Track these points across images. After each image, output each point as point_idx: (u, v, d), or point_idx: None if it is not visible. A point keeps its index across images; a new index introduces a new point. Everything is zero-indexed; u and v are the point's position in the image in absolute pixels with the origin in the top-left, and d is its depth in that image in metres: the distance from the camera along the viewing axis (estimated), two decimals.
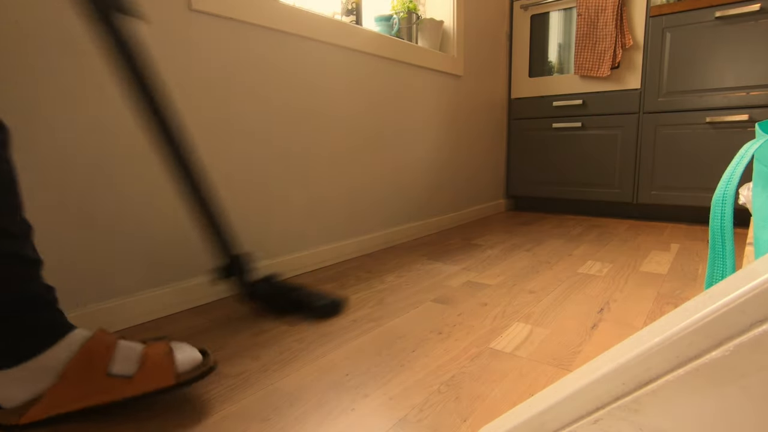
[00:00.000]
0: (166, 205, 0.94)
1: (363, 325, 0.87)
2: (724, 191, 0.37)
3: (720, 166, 1.72)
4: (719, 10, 1.64)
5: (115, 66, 0.72)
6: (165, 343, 0.60)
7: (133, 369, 0.56)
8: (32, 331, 0.54)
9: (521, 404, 0.33)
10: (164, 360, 0.57)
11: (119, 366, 0.56)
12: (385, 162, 1.53)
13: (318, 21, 1.22)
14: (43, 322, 0.55)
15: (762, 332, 0.20)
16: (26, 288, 0.54)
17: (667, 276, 1.14)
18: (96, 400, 0.54)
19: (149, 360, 0.57)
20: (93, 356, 0.55)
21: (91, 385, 0.54)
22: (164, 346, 0.59)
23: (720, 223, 0.37)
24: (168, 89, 0.92)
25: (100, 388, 0.54)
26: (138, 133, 0.88)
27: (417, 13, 1.72)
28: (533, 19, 2.12)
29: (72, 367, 0.54)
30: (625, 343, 0.27)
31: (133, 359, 0.57)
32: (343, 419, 0.57)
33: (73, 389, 0.54)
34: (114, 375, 0.55)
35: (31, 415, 0.53)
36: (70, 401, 0.54)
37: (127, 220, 0.88)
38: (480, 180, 2.12)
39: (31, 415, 0.53)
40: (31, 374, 0.53)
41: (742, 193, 0.93)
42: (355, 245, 1.42)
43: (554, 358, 0.72)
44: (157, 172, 0.92)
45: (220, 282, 0.75)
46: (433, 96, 1.74)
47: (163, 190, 0.93)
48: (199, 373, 0.58)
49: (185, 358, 0.59)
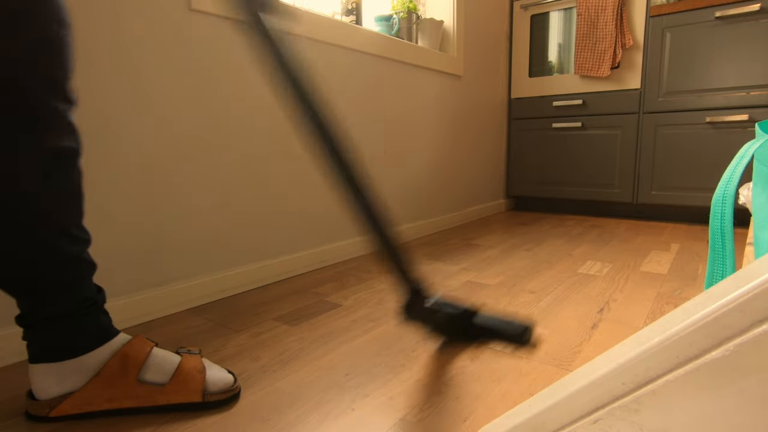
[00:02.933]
0: (166, 206, 0.94)
1: (363, 325, 0.87)
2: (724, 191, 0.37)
3: (720, 166, 1.72)
4: (719, 10, 1.64)
5: (270, 69, 0.66)
6: (199, 359, 0.62)
7: (166, 379, 0.59)
8: (84, 332, 0.57)
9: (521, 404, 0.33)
10: (196, 376, 0.60)
11: (151, 374, 0.58)
12: (385, 162, 1.53)
13: (318, 21, 1.22)
14: (95, 323, 0.58)
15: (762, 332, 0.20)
16: (85, 290, 0.57)
17: (667, 276, 1.14)
18: (125, 403, 0.57)
19: (182, 373, 0.59)
20: (128, 361, 0.57)
21: (123, 387, 0.57)
22: (198, 362, 0.62)
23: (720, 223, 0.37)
24: (165, 89, 0.92)
25: (131, 392, 0.57)
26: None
27: (417, 13, 1.72)
28: (533, 19, 2.12)
29: (109, 367, 0.57)
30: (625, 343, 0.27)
31: (167, 370, 0.59)
32: (343, 419, 0.57)
33: (105, 390, 0.56)
34: (145, 382, 0.58)
35: (62, 409, 0.55)
36: (101, 401, 0.56)
37: (127, 221, 0.88)
38: (480, 180, 2.12)
39: (62, 408, 0.55)
40: (71, 371, 0.56)
41: (742, 193, 0.93)
42: (355, 245, 1.42)
43: (554, 358, 0.72)
44: (159, 173, 0.92)
45: (409, 323, 0.71)
46: (433, 96, 1.74)
47: (164, 190, 0.93)
48: (226, 397, 0.61)
49: (216, 378, 0.61)
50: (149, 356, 0.59)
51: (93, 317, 0.58)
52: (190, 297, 0.98)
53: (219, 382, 0.61)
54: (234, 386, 0.62)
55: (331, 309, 0.96)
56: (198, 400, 0.59)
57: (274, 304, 0.99)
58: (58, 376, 0.56)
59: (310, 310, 0.96)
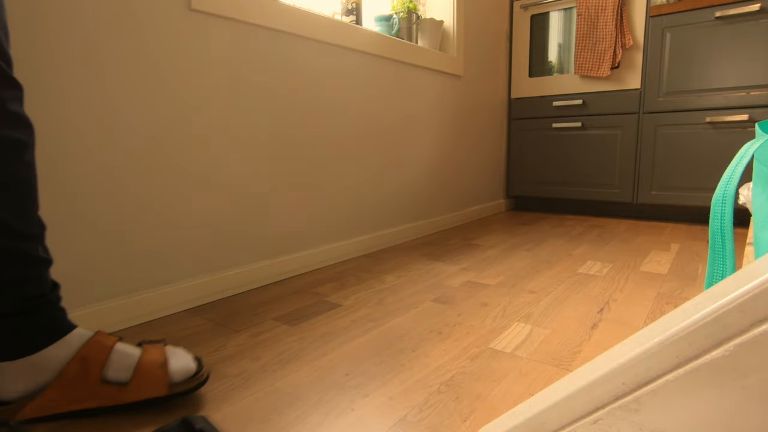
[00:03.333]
0: (166, 207, 0.94)
1: (363, 325, 0.87)
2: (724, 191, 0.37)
3: (720, 166, 1.72)
4: (719, 10, 1.64)
5: None
6: (161, 350, 0.61)
7: (128, 376, 0.57)
8: (36, 328, 0.55)
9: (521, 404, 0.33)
10: (159, 370, 0.58)
11: (114, 372, 0.57)
12: (385, 162, 1.53)
13: (318, 21, 1.22)
14: (47, 320, 0.56)
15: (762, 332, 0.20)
16: (34, 286, 0.55)
17: (667, 276, 1.14)
18: (89, 404, 0.56)
19: (144, 369, 0.58)
20: (89, 360, 0.56)
21: (85, 389, 0.55)
22: (160, 354, 0.60)
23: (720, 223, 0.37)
24: (165, 89, 0.92)
25: (94, 393, 0.56)
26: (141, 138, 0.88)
27: (417, 13, 1.72)
28: (533, 19, 2.12)
29: (68, 369, 0.55)
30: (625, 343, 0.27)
31: (128, 366, 0.58)
32: (343, 419, 0.57)
33: (68, 391, 0.55)
34: (108, 381, 0.56)
35: (26, 412, 0.54)
36: (65, 402, 0.55)
37: (126, 222, 0.88)
38: (480, 180, 2.12)
39: (25, 412, 0.54)
40: (30, 369, 0.54)
41: (742, 193, 0.93)
42: (355, 245, 1.42)
43: (554, 358, 0.72)
44: (159, 175, 0.92)
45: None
46: (433, 96, 1.74)
47: (164, 191, 0.93)
48: (193, 385, 0.59)
49: (180, 367, 0.60)
50: (111, 353, 0.57)
51: (43, 314, 0.55)
52: (190, 297, 0.98)
53: (184, 370, 0.59)
54: (199, 373, 0.60)
55: (331, 309, 0.96)
56: (163, 394, 0.57)
57: (274, 304, 1.00)
58: (18, 374, 0.54)
59: (310, 310, 0.96)
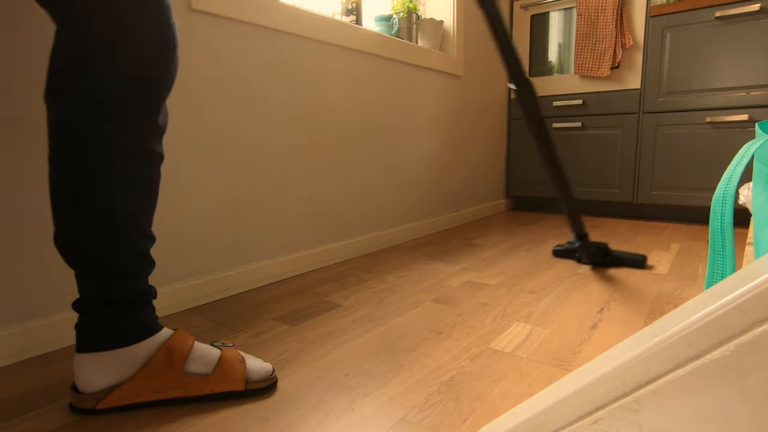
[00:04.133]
0: (165, 207, 0.94)
1: (363, 325, 0.87)
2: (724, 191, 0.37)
3: (720, 166, 1.72)
4: (719, 10, 1.64)
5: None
6: (236, 351, 0.65)
7: (209, 369, 0.61)
8: (134, 323, 0.59)
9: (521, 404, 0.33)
10: (238, 366, 0.63)
11: (196, 365, 0.61)
12: (385, 162, 1.53)
13: (318, 21, 1.22)
14: (145, 316, 0.60)
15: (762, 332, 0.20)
16: (143, 283, 0.60)
17: (667, 276, 1.14)
18: (172, 393, 0.60)
19: (225, 364, 0.62)
20: (173, 353, 0.60)
21: (169, 379, 0.59)
22: (237, 354, 0.65)
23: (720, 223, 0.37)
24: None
25: (177, 383, 0.60)
26: None
27: (417, 13, 1.72)
28: (533, 19, 2.12)
29: (154, 359, 0.59)
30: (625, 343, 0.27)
31: (210, 360, 0.62)
32: (343, 419, 0.57)
33: (153, 381, 0.59)
34: (190, 373, 0.60)
35: (110, 401, 0.57)
36: (150, 391, 0.59)
37: None
38: (480, 180, 2.12)
39: (109, 400, 0.57)
40: (118, 362, 0.58)
41: (742, 193, 0.93)
42: (355, 245, 1.42)
43: (554, 358, 0.72)
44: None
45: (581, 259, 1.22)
46: (433, 96, 1.74)
47: (162, 191, 0.93)
48: (267, 384, 0.64)
49: (256, 368, 0.64)
50: (192, 349, 0.62)
51: (144, 310, 0.60)
52: (190, 297, 0.98)
53: (260, 371, 0.64)
54: (272, 375, 0.65)
55: (331, 309, 0.96)
56: (241, 389, 0.62)
57: (274, 304, 1.00)
58: (105, 366, 0.57)
59: (310, 310, 0.96)
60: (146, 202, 0.59)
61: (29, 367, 0.72)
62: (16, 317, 0.74)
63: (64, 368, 0.72)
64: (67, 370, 0.71)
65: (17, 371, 0.71)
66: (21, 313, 0.75)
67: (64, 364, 0.73)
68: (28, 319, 0.76)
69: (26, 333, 0.75)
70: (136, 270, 0.59)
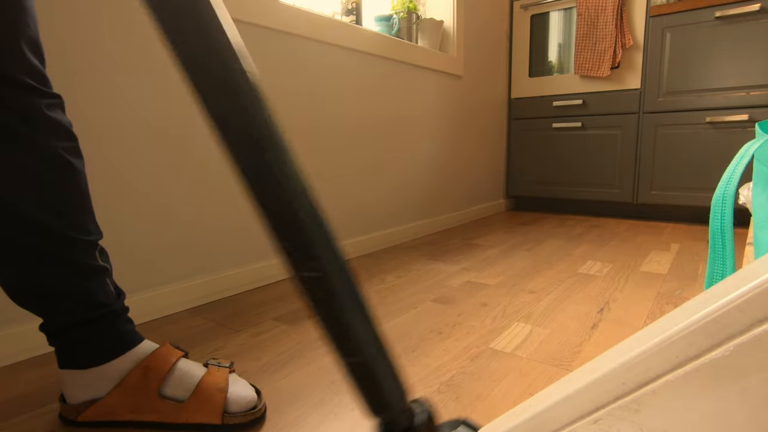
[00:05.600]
0: (165, 207, 0.94)
1: None
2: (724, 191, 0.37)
3: (720, 166, 1.72)
4: (719, 10, 1.64)
5: None
6: (224, 374, 0.59)
7: (185, 395, 0.56)
8: (102, 340, 0.55)
9: (521, 404, 0.33)
10: (216, 395, 0.56)
11: (172, 388, 0.56)
12: (385, 162, 1.53)
13: (318, 21, 1.22)
14: (114, 332, 0.56)
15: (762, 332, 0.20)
16: (98, 296, 0.55)
17: (667, 276, 1.14)
18: (147, 416, 0.56)
19: (202, 391, 0.56)
20: (149, 373, 0.56)
21: (144, 400, 0.55)
22: (222, 378, 0.58)
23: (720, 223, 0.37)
24: (166, 90, 0.92)
25: (152, 406, 0.55)
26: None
27: (417, 13, 1.72)
28: (533, 19, 2.12)
29: (129, 378, 0.55)
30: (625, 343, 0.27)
31: (188, 385, 0.57)
32: (343, 419, 0.57)
33: (128, 400, 0.55)
34: (166, 396, 0.56)
35: (88, 414, 0.55)
36: (123, 411, 0.55)
37: (126, 222, 0.88)
38: (480, 180, 2.12)
39: (87, 414, 0.55)
40: (95, 379, 0.55)
41: (742, 193, 0.93)
42: (355, 245, 1.42)
43: (554, 358, 0.72)
44: (156, 173, 0.92)
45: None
46: (433, 96, 1.74)
47: (163, 191, 0.93)
48: (246, 420, 0.57)
49: (240, 396, 0.57)
50: (173, 369, 0.57)
51: (111, 325, 0.56)
52: (190, 297, 0.98)
53: (241, 401, 0.57)
54: (257, 408, 0.58)
55: None
56: (216, 422, 0.55)
57: (274, 304, 0.99)
58: (82, 382, 0.55)
59: None
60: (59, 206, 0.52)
61: (28, 367, 0.72)
62: (16, 318, 0.74)
63: None
64: None
65: (16, 371, 0.71)
66: (20, 314, 0.75)
67: None
68: (27, 320, 0.76)
69: (25, 334, 0.75)
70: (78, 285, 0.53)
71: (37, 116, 0.49)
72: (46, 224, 0.50)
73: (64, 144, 0.52)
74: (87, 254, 0.54)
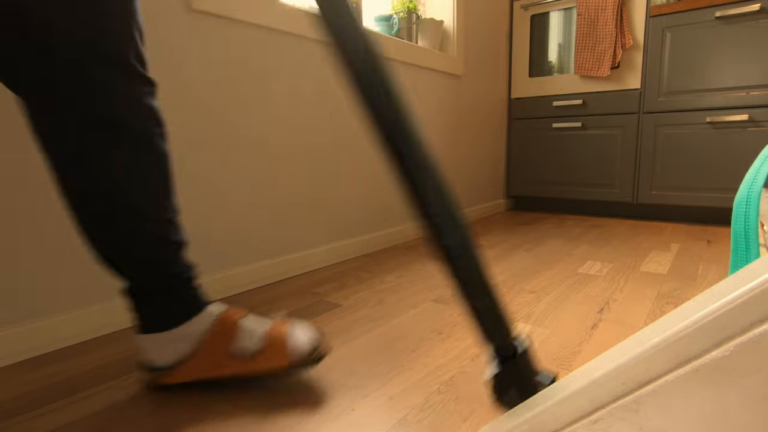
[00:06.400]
0: None
1: (363, 325, 0.87)
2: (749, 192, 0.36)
3: (720, 166, 1.72)
4: (719, 10, 1.64)
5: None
6: (286, 324, 0.65)
7: (253, 350, 0.62)
8: (179, 304, 0.61)
9: (521, 404, 0.33)
10: (281, 344, 0.62)
11: (241, 345, 0.62)
12: (385, 162, 1.53)
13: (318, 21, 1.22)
14: (188, 295, 0.62)
15: (762, 332, 0.20)
16: (174, 267, 0.61)
17: (667, 276, 1.14)
18: (222, 373, 0.61)
19: (269, 342, 0.62)
20: (220, 334, 0.61)
21: (217, 360, 0.61)
22: (284, 328, 0.64)
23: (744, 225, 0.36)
24: (166, 90, 0.92)
25: (225, 363, 0.61)
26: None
27: (417, 13, 1.72)
28: (533, 19, 2.12)
29: (203, 341, 0.61)
30: (625, 343, 0.27)
31: (256, 339, 0.62)
32: (343, 419, 0.57)
33: (203, 361, 0.61)
34: (236, 353, 0.61)
35: (172, 377, 0.61)
36: (202, 371, 0.61)
37: None
38: (480, 180, 2.12)
39: (172, 377, 0.61)
40: (173, 340, 0.61)
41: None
42: (355, 245, 1.42)
43: (554, 358, 0.72)
44: None
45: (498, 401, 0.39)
46: (433, 96, 1.74)
47: None
48: (311, 361, 0.63)
49: (303, 341, 0.63)
50: (241, 326, 0.63)
51: (184, 291, 0.61)
52: None
53: (303, 345, 0.63)
54: (319, 348, 0.64)
55: (331, 309, 0.96)
56: (284, 365, 0.61)
57: (274, 304, 1.00)
58: (159, 346, 0.60)
59: (310, 310, 0.96)
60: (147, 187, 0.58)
61: (29, 367, 0.72)
62: (16, 317, 0.74)
63: (63, 368, 0.72)
64: (67, 371, 0.71)
65: (17, 371, 0.71)
66: (21, 314, 0.75)
67: (63, 364, 0.73)
68: (27, 320, 0.76)
69: (26, 333, 0.75)
70: (159, 256, 0.59)
71: (141, 104, 0.55)
72: (146, 205, 0.57)
73: (158, 130, 0.58)
74: (173, 230, 0.60)
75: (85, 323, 0.82)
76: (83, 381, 0.68)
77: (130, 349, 0.78)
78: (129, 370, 0.71)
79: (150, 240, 0.58)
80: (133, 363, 0.73)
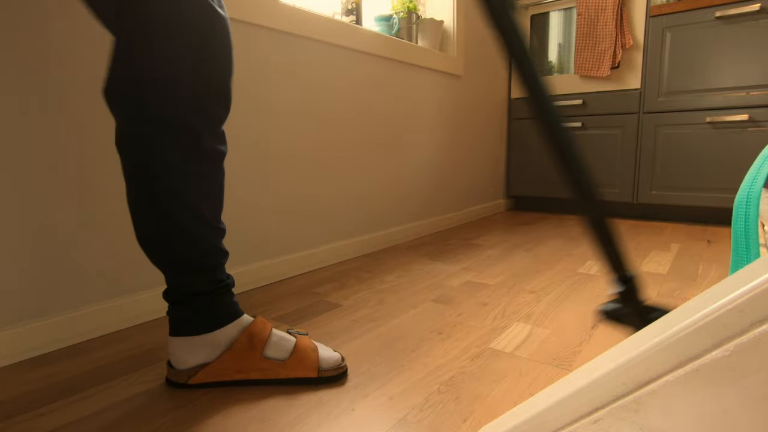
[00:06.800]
0: None
1: (363, 325, 0.87)
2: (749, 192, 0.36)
3: (720, 166, 1.72)
4: (719, 10, 1.64)
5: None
6: (310, 340, 0.69)
7: (286, 355, 0.66)
8: (217, 310, 0.65)
9: (521, 404, 0.33)
10: (311, 354, 0.67)
11: (273, 350, 0.66)
12: (385, 162, 1.53)
13: (318, 21, 1.22)
14: (226, 303, 0.66)
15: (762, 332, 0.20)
16: (219, 274, 0.65)
17: (667, 276, 1.14)
18: (253, 375, 0.65)
19: (299, 351, 0.67)
20: (254, 338, 0.65)
21: (250, 361, 0.65)
22: (311, 342, 0.69)
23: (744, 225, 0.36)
24: None
25: (257, 365, 0.65)
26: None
27: (417, 13, 1.72)
28: (533, 19, 2.12)
29: (238, 342, 0.65)
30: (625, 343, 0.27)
31: (286, 347, 0.66)
32: (343, 419, 0.57)
33: (237, 362, 0.64)
34: (269, 357, 0.65)
35: (200, 377, 0.64)
36: (233, 371, 0.65)
37: (126, 221, 0.88)
38: (480, 180, 2.12)
39: (199, 377, 0.64)
40: (204, 345, 0.64)
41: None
42: (355, 245, 1.42)
43: (554, 358, 0.72)
44: None
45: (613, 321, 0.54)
46: (433, 96, 1.74)
47: None
48: (337, 373, 0.67)
49: (328, 356, 0.68)
50: (270, 335, 0.67)
51: (225, 298, 0.65)
52: None
53: (330, 360, 0.67)
54: (342, 364, 0.68)
55: (331, 309, 0.96)
56: (314, 375, 0.66)
57: (274, 304, 1.00)
58: (193, 348, 0.64)
59: (310, 310, 0.96)
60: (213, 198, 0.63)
61: (29, 367, 0.72)
62: (16, 318, 0.74)
63: (63, 368, 0.72)
64: (67, 371, 0.71)
65: (17, 371, 0.71)
66: (20, 314, 0.75)
67: (64, 364, 0.73)
68: (26, 320, 0.76)
69: (26, 333, 0.75)
70: (210, 263, 0.63)
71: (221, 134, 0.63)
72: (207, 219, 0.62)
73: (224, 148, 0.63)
74: (220, 240, 0.65)
75: (85, 323, 0.82)
76: (83, 381, 0.68)
77: (130, 348, 0.79)
78: (129, 370, 0.71)
79: (208, 246, 0.63)
80: (132, 363, 0.73)
